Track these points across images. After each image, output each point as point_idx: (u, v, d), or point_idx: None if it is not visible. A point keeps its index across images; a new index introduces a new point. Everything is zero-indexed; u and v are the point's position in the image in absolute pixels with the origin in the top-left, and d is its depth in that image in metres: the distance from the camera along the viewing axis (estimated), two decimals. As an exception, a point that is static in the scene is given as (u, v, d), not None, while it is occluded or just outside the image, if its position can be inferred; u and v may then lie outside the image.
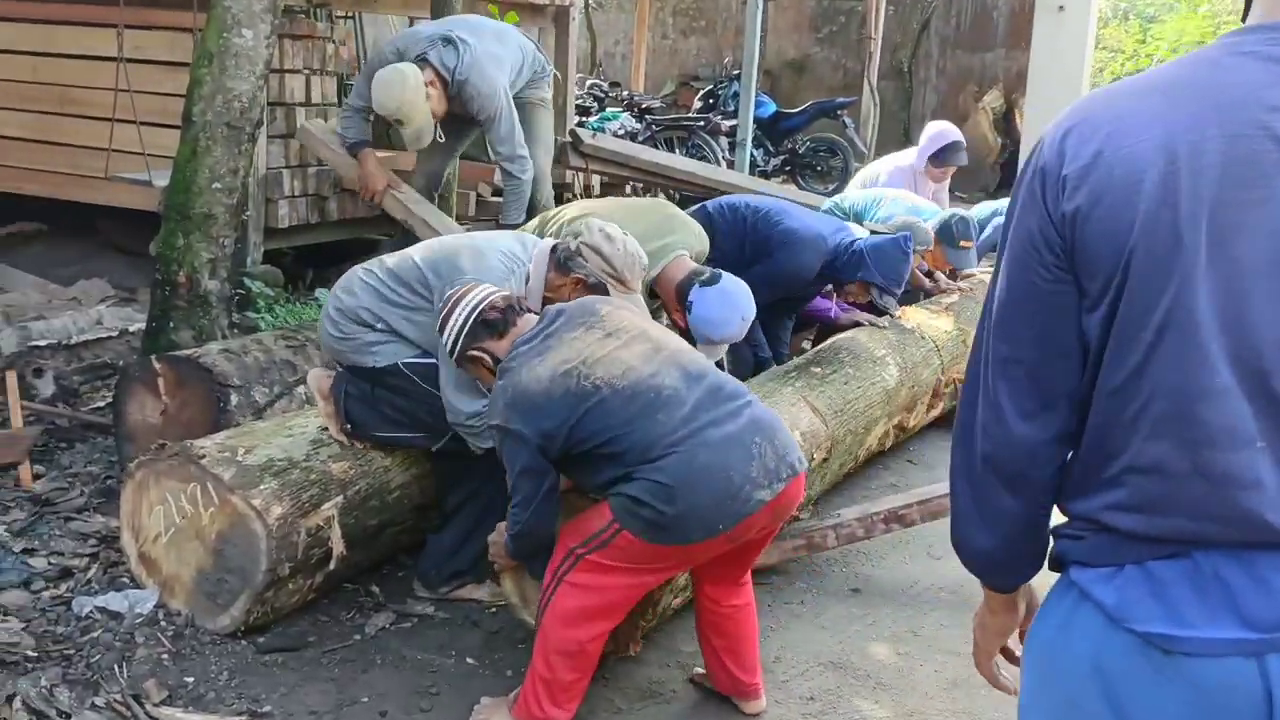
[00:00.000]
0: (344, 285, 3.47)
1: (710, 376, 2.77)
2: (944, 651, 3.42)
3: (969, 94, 15.26)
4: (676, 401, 2.67)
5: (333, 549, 3.29)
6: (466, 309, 2.94)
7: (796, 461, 2.75)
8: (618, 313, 2.90)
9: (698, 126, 10.60)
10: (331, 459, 3.37)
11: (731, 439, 2.65)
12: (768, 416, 2.79)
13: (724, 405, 2.70)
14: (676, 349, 2.83)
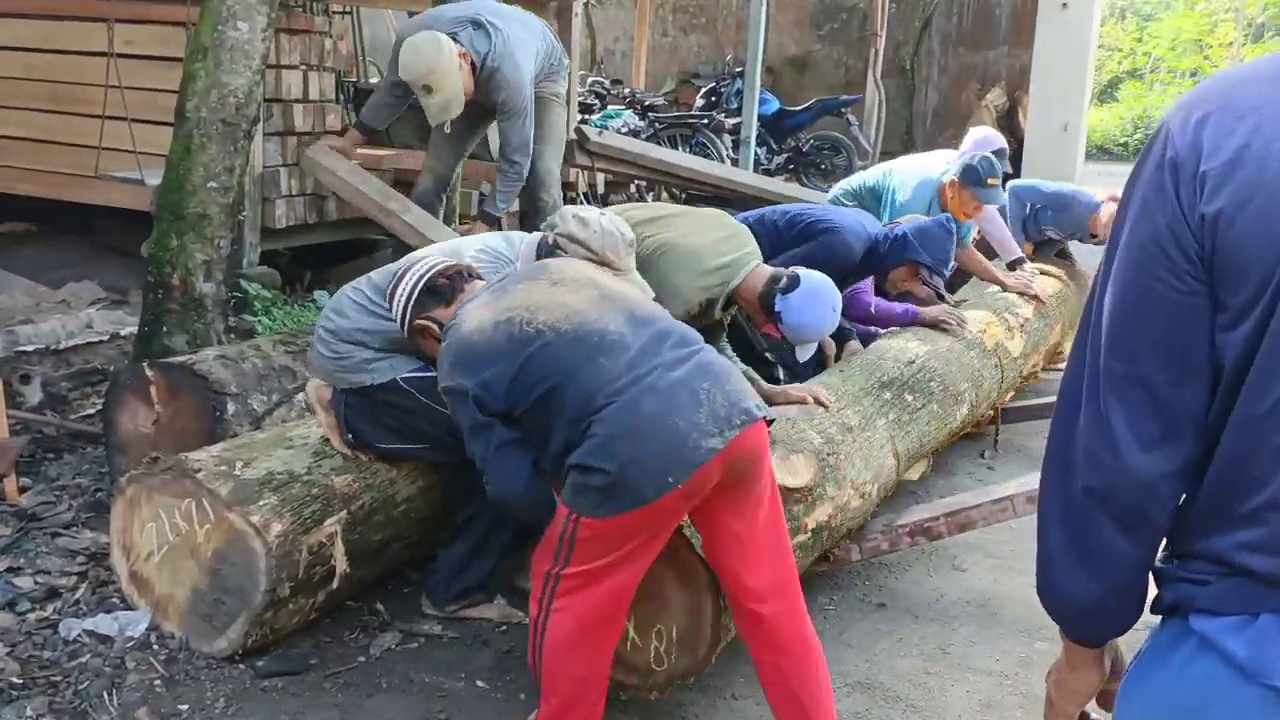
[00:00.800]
0: (333, 307, 3.34)
1: (659, 323, 2.61)
2: (976, 671, 3.26)
3: (971, 92, 15.12)
4: (621, 346, 2.50)
5: (336, 567, 3.13)
6: (413, 279, 2.94)
7: (753, 407, 2.54)
8: (570, 265, 2.82)
9: (701, 124, 10.45)
10: (334, 472, 3.21)
11: (678, 384, 2.47)
12: (719, 362, 2.62)
13: (671, 351, 2.54)
14: (625, 296, 2.68)
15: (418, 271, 2.95)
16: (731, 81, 12.57)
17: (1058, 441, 1.30)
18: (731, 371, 2.63)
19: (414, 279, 2.94)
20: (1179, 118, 1.20)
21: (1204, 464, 1.22)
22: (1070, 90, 13.25)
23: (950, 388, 4.26)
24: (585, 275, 2.73)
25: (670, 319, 2.69)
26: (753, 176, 7.65)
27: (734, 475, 2.53)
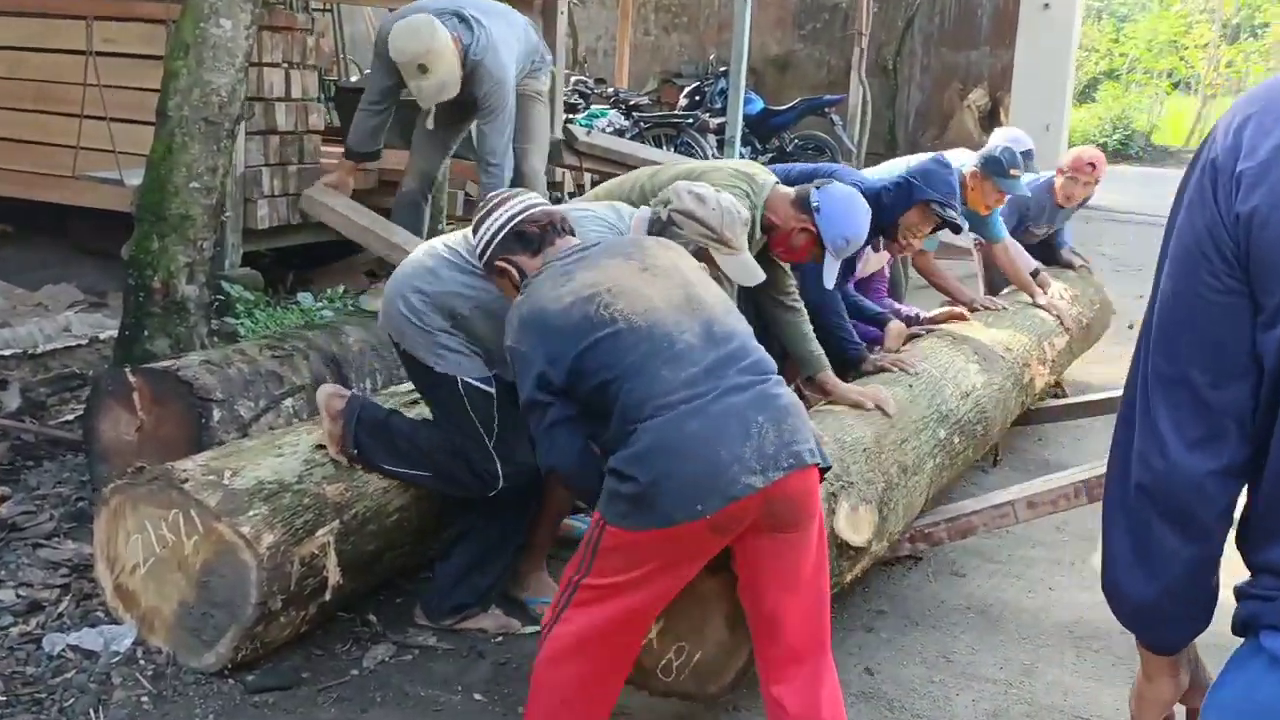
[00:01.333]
0: (425, 265, 3.15)
1: (734, 342, 2.49)
2: (980, 679, 3.21)
3: (954, 92, 15.12)
4: (688, 359, 2.41)
5: (328, 578, 3.05)
6: (505, 215, 2.77)
7: (806, 452, 2.41)
8: (666, 252, 2.69)
9: (686, 124, 10.39)
10: (326, 480, 3.13)
11: (731, 411, 2.37)
12: (784, 397, 2.48)
13: (737, 375, 2.43)
14: (709, 305, 2.55)
15: (511, 209, 2.76)
16: (715, 81, 12.52)
17: (1118, 439, 1.31)
18: (794, 409, 2.49)
19: (505, 216, 2.76)
20: (1225, 120, 1.21)
21: (1256, 467, 1.21)
22: (1052, 91, 13.29)
23: (990, 433, 4.19)
24: (678, 268, 2.62)
25: (749, 339, 2.56)
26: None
27: (774, 519, 2.42)
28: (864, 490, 3.17)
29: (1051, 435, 5.31)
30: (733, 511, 2.33)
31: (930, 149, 6.26)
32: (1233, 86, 23.47)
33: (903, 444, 3.53)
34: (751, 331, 2.61)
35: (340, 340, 4.22)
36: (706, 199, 3.07)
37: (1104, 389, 5.90)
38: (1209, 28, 23.82)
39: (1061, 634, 3.48)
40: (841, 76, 15.22)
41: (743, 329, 2.58)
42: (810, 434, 2.48)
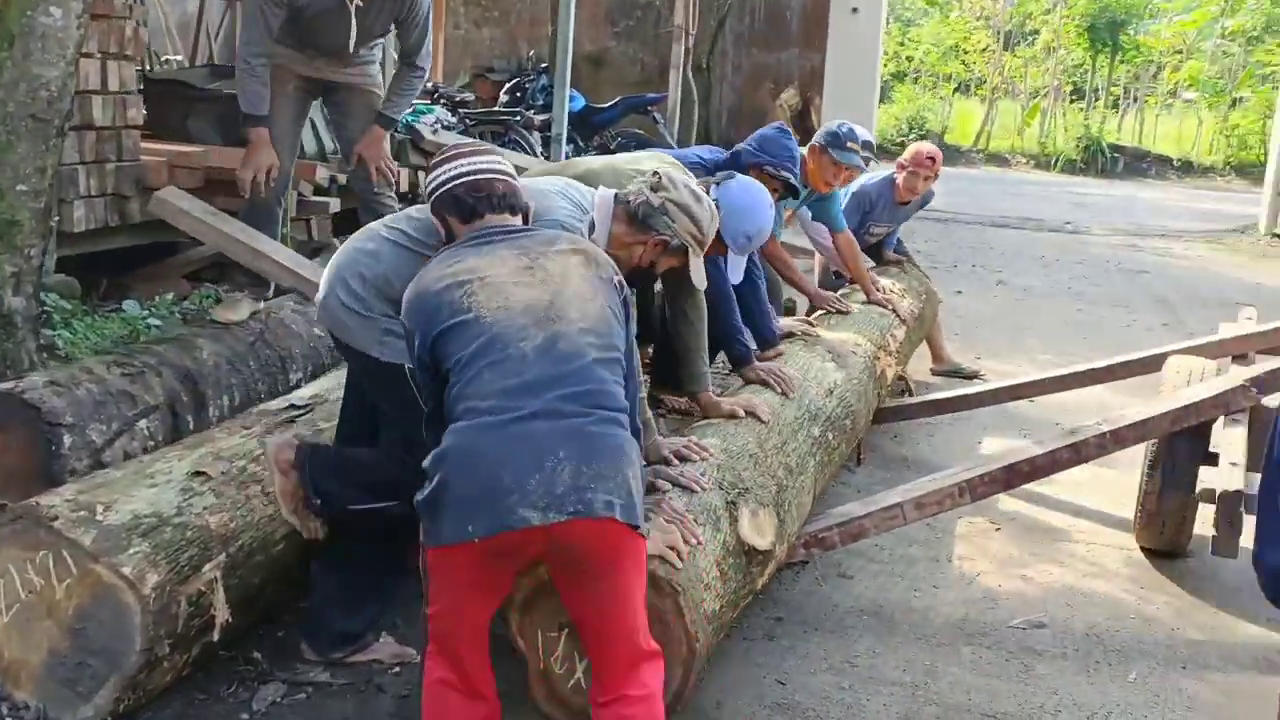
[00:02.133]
0: (364, 250, 2.95)
1: (575, 364, 2.29)
2: (886, 683, 3.24)
3: (766, 91, 15.45)
4: (513, 369, 2.28)
5: (216, 617, 2.81)
6: (452, 171, 2.62)
7: (601, 504, 2.18)
8: (565, 258, 2.47)
9: (514, 121, 10.22)
10: (208, 511, 2.89)
11: (530, 437, 2.20)
12: (607, 440, 2.25)
13: (557, 402, 2.24)
14: (574, 320, 2.35)
15: (459, 168, 2.61)
16: (536, 77, 12.39)
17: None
18: (613, 455, 2.25)
19: (452, 173, 2.60)
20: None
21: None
22: (861, 91, 13.72)
23: (858, 426, 4.25)
24: (567, 276, 2.43)
25: (596, 371, 2.32)
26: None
27: (566, 564, 2.31)
28: (760, 494, 3.17)
29: (906, 432, 5.44)
30: (505, 541, 2.18)
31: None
32: (1013, 90, 24.84)
33: (784, 446, 3.55)
34: (606, 360, 2.37)
35: (194, 355, 3.94)
36: (701, 198, 2.99)
37: (945, 388, 6.11)
38: (986, 34, 25.11)
39: (953, 632, 3.55)
40: (656, 74, 15.32)
41: (584, 360, 2.32)
42: (627, 487, 2.24)
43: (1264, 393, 3.85)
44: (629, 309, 2.55)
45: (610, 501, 2.20)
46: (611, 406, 2.31)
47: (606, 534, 2.23)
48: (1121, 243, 12.43)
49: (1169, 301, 9.14)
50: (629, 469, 2.28)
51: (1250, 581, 4.00)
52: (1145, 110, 24.48)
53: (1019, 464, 3.73)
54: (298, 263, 4.27)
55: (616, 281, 2.54)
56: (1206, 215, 15.20)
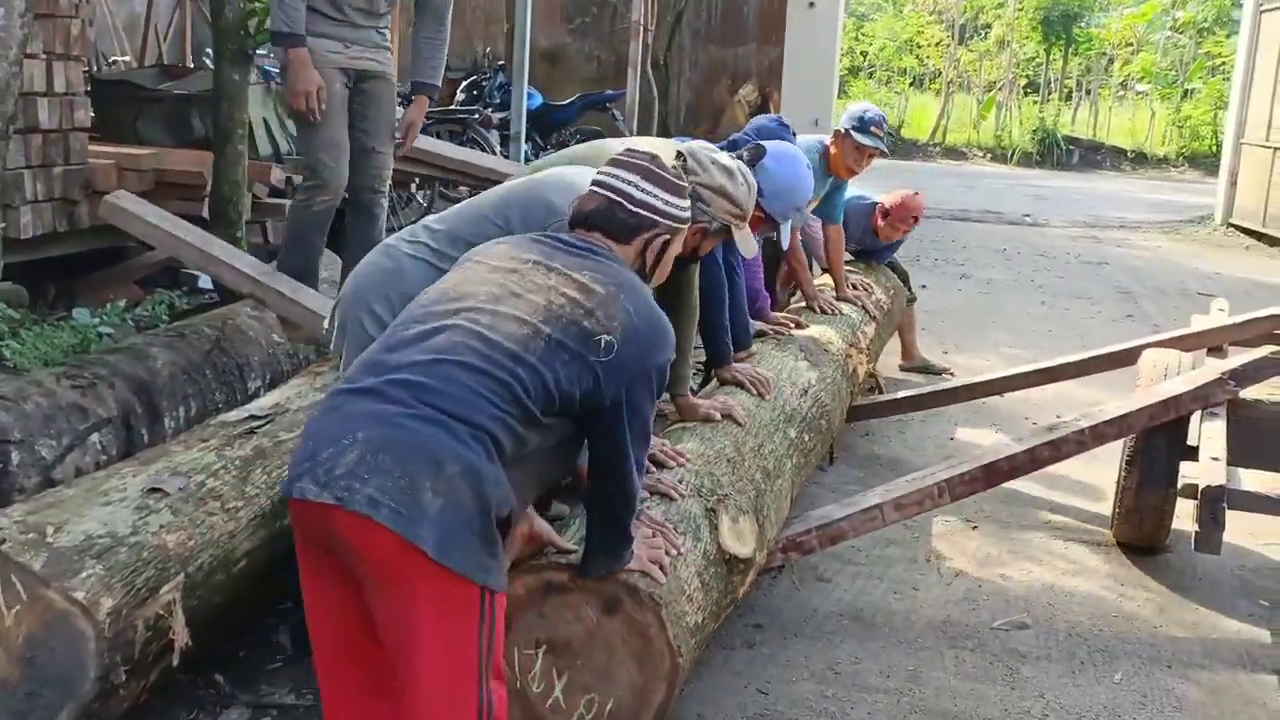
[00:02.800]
0: (385, 268, 2.83)
1: (439, 360, 2.08)
2: (870, 689, 3.16)
3: (723, 87, 15.39)
4: (389, 345, 2.16)
5: (175, 640, 2.68)
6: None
7: (364, 500, 1.93)
8: (569, 282, 2.25)
9: (472, 119, 10.08)
10: (165, 529, 2.76)
11: (345, 412, 2.05)
12: (409, 439, 1.99)
13: (389, 387, 2.05)
14: (481, 326, 2.14)
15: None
16: (493, 75, 12.25)
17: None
18: (404, 457, 1.97)
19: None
20: None
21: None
22: (819, 86, 13.69)
23: (832, 426, 4.17)
24: (542, 294, 2.23)
25: (457, 374, 2.07)
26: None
27: (342, 555, 2.03)
28: (739, 500, 3.08)
29: (878, 430, 5.38)
30: (297, 511, 2.04)
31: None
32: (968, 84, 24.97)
33: (760, 449, 3.46)
34: (484, 373, 2.08)
35: (148, 364, 3.80)
36: (734, 172, 2.84)
37: (915, 385, 6.07)
38: (939, 28, 25.25)
39: (935, 635, 3.48)
40: (612, 71, 15.22)
41: (474, 362, 2.08)
42: (415, 498, 1.94)
43: (1242, 386, 3.81)
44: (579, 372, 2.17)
45: (375, 500, 1.93)
46: (452, 413, 2.02)
47: (376, 542, 1.95)
48: (1081, 234, 12.49)
49: (1131, 292, 9.16)
50: (427, 479, 1.95)
51: (1230, 576, 3.99)
52: (1099, 102, 24.68)
53: (998, 463, 3.67)
54: (254, 268, 4.12)
55: (596, 341, 2.18)
56: (1162, 206, 15.33)
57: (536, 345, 2.14)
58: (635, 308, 2.25)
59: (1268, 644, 3.55)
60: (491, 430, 2.04)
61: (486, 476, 2.00)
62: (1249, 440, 3.80)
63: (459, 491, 1.97)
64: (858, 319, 5.21)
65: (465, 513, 1.97)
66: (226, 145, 5.08)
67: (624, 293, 2.26)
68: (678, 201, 2.46)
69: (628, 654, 2.52)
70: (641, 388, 2.25)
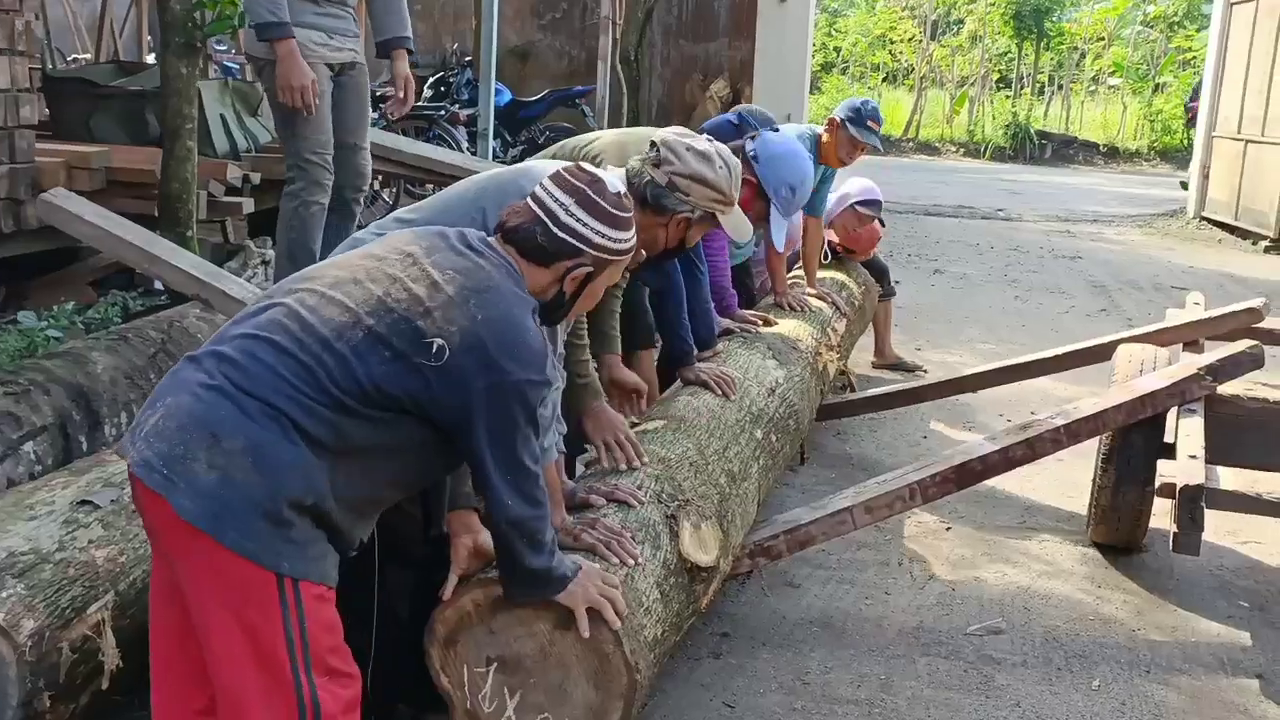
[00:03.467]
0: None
1: (250, 335, 2.01)
2: (840, 701, 3.04)
3: (695, 83, 15.27)
4: (241, 319, 2.10)
5: (105, 663, 2.54)
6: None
7: (139, 461, 1.92)
8: (407, 269, 2.11)
9: (438, 116, 9.93)
10: (94, 544, 2.61)
11: (172, 379, 2.02)
12: (192, 409, 1.93)
13: (207, 357, 2.01)
14: (308, 308, 2.04)
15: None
16: (461, 72, 12.10)
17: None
18: (184, 427, 1.91)
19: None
20: None
21: None
22: (791, 82, 13.59)
23: (801, 426, 4.06)
24: (382, 283, 2.08)
25: (259, 352, 1.99)
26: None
27: (148, 525, 2.01)
28: (701, 506, 2.95)
29: (849, 429, 5.27)
30: (130, 474, 1.98)
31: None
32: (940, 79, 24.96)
33: (725, 451, 3.34)
34: (287, 354, 1.99)
35: (87, 369, 3.65)
36: (711, 157, 2.68)
37: (887, 382, 5.97)
38: (912, 24, 25.23)
39: (908, 642, 3.36)
40: (583, 67, 15.10)
41: (281, 342, 2.00)
42: (186, 468, 1.89)
43: (1219, 381, 3.72)
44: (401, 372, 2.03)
45: (150, 464, 1.90)
46: (246, 389, 1.95)
47: (157, 509, 1.91)
48: (1054, 229, 12.44)
49: (1105, 287, 9.10)
50: (202, 451, 1.89)
51: (1208, 576, 3.90)
52: (1071, 97, 24.71)
53: (970, 463, 3.55)
54: (199, 268, 3.96)
55: (427, 344, 2.03)
56: (1135, 200, 15.32)
57: (353, 335, 2.02)
58: (486, 316, 2.06)
59: (1248, 646, 3.45)
60: (288, 412, 1.95)
61: (274, 456, 1.92)
62: (1227, 437, 3.70)
63: (238, 468, 1.90)
64: (829, 315, 5.09)
65: (248, 491, 1.89)
66: (175, 142, 4.90)
67: (476, 299, 2.07)
68: (611, 233, 2.25)
69: (583, 671, 2.39)
70: (495, 408, 2.04)
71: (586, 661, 2.36)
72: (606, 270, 2.30)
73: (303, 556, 1.94)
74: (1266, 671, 3.30)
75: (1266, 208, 11.46)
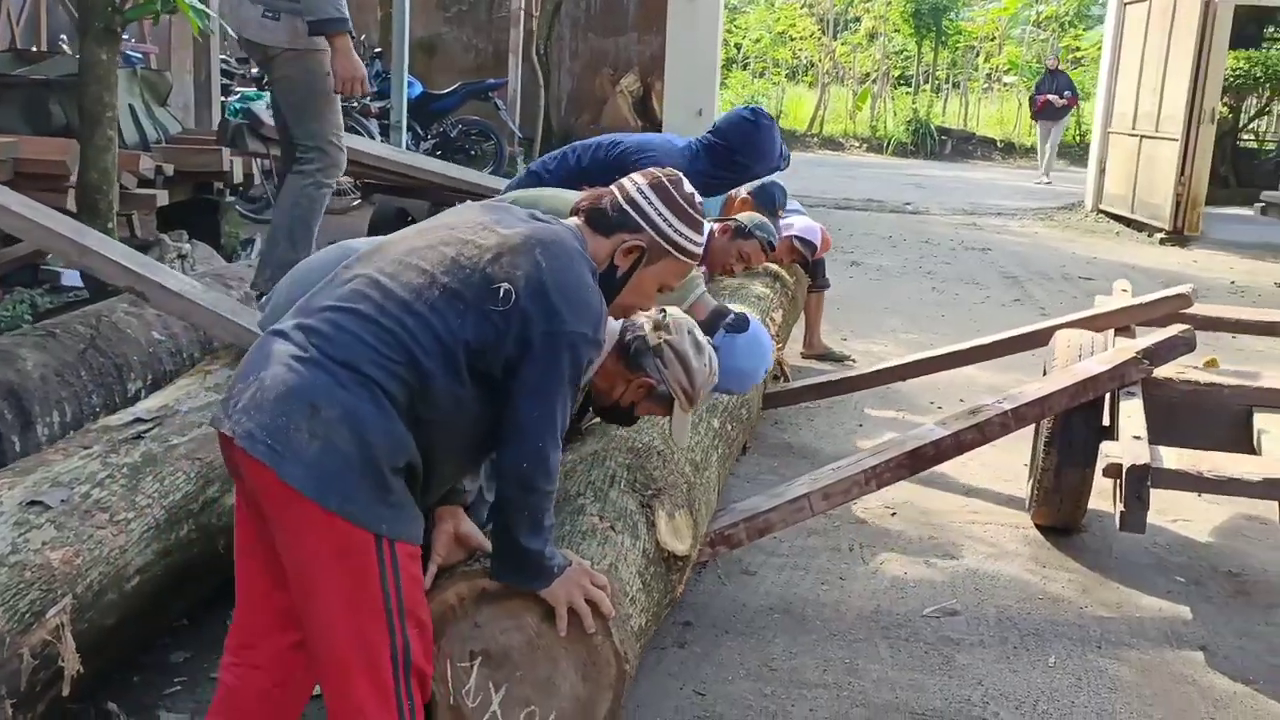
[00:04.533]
0: (338, 259, 2.61)
1: (335, 306, 2.08)
2: (808, 685, 3.05)
3: (605, 77, 15.26)
4: (322, 290, 2.17)
5: (65, 669, 2.42)
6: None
7: (241, 432, 1.96)
8: (477, 232, 2.17)
9: (351, 108, 9.72)
10: (49, 546, 2.49)
11: (260, 352, 2.08)
12: (288, 380, 1.99)
13: (295, 330, 2.07)
14: (386, 275, 2.11)
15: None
16: (370, 64, 11.86)
17: None
18: (283, 398, 1.97)
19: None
20: None
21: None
22: (702, 76, 13.60)
23: (752, 414, 4.06)
24: (452, 244, 2.15)
25: (347, 322, 2.05)
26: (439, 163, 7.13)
27: (247, 489, 2.07)
28: (674, 495, 2.94)
29: (786, 419, 5.30)
30: (222, 443, 2.07)
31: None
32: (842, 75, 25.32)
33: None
34: (370, 320, 2.06)
35: (16, 366, 3.49)
36: (703, 350, 2.65)
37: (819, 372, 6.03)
38: (811, 21, 25.56)
39: (868, 626, 3.39)
40: (490, 60, 14.97)
41: (365, 310, 2.06)
42: (289, 437, 1.95)
43: (1155, 364, 3.82)
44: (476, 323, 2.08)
45: (254, 435, 1.96)
46: (336, 358, 2.01)
47: (261, 476, 1.97)
48: (962, 222, 12.71)
49: (1016, 277, 9.32)
50: (304, 421, 1.95)
51: (1145, 554, 4.01)
52: (969, 94, 25.28)
53: (923, 448, 3.60)
54: (133, 259, 3.81)
55: (495, 289, 2.08)
56: (1034, 193, 15.74)
57: (430, 294, 2.09)
58: (550, 265, 2.13)
59: (1189, 620, 3.56)
60: (376, 378, 2.00)
61: (370, 422, 1.98)
62: (1162, 418, 3.81)
63: (338, 436, 1.96)
64: (767, 305, 5.12)
65: (347, 457, 1.96)
66: (95, 130, 4.72)
67: (541, 248, 2.15)
68: (674, 221, 2.30)
69: (571, 663, 2.35)
70: (545, 355, 2.09)
71: (575, 653, 2.33)
72: (662, 262, 2.32)
73: (399, 518, 2.02)
74: (1209, 644, 3.41)
75: (1161, 201, 11.86)
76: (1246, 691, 3.15)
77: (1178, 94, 11.48)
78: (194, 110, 7.90)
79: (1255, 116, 17.25)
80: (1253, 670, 3.26)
